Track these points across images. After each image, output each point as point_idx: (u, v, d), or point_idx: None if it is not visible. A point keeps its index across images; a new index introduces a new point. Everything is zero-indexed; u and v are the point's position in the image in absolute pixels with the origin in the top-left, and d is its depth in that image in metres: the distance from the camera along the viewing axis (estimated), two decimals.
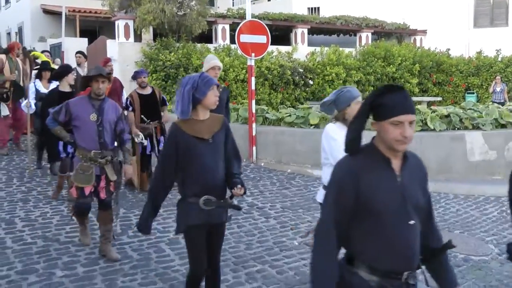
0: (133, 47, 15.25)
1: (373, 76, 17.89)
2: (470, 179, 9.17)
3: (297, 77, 16.48)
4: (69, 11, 19.99)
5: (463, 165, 9.36)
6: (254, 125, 10.08)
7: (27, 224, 6.17)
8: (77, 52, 11.62)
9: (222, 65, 7.64)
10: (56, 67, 10.61)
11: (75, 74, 7.40)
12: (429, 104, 16.44)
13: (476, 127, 9.71)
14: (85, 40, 19.11)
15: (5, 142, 10.13)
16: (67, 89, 7.17)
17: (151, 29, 15.80)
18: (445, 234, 6.33)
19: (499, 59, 19.56)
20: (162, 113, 7.98)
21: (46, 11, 22.43)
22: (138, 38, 16.13)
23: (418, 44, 21.78)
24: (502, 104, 14.32)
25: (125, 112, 8.29)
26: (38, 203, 7.06)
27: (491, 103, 13.70)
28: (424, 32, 22.14)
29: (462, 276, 5.18)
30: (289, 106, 13.99)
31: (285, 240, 6.06)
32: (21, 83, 9.93)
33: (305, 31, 19.50)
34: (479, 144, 9.40)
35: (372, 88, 17.88)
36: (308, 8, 24.39)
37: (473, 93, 19.16)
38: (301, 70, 16.70)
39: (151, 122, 7.67)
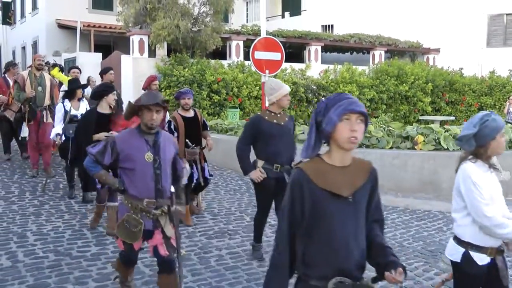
0: (147, 63, 15.39)
1: (386, 94, 17.89)
2: None
3: (310, 95, 16.54)
4: (84, 26, 20.22)
5: None
6: None
7: (39, 238, 6.17)
8: (108, 68, 9.95)
9: None
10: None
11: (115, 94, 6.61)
12: (442, 123, 16.37)
13: None
14: (100, 55, 19.30)
15: (35, 164, 9.38)
16: (106, 110, 6.28)
17: (165, 44, 15.97)
18: None
19: None
20: (204, 138, 7.18)
21: (61, 26, 22.66)
22: (152, 53, 16.30)
23: (431, 63, 21.81)
24: None
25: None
26: (50, 217, 7.06)
27: (504, 123, 13.61)
28: (437, 50, 22.17)
29: None
30: (302, 124, 14.00)
31: None
32: (48, 100, 9.23)
33: (319, 48, 19.61)
34: None
35: (385, 107, 17.89)
36: (322, 26, 24.51)
37: None
38: (314, 87, 16.76)
39: (195, 147, 6.91)
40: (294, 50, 20.53)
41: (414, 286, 5.26)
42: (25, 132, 9.46)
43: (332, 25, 24.48)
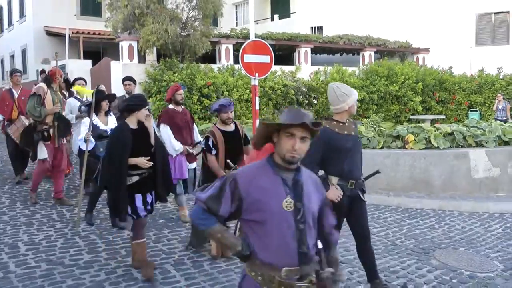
0: (137, 68, 15.34)
1: (377, 94, 17.95)
2: (474, 196, 9.15)
3: (301, 97, 16.57)
4: (72, 32, 20.11)
5: (467, 182, 9.34)
6: None
7: (30, 248, 6.13)
8: (126, 79, 9.24)
9: None
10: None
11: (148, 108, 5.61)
12: (433, 122, 16.46)
13: (479, 145, 9.70)
14: (89, 62, 19.24)
15: (35, 187, 8.24)
16: (134, 126, 5.34)
17: (155, 50, 15.95)
18: (450, 251, 6.35)
19: (501, 77, 19.63)
20: (246, 155, 6.17)
21: (49, 33, 22.61)
22: (142, 59, 16.27)
23: (420, 63, 21.92)
24: (505, 121, 14.34)
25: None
26: (42, 226, 7.01)
27: (494, 120, 13.71)
28: (426, 50, 22.28)
29: None
30: None
31: None
32: None
33: (308, 50, 19.65)
34: (483, 161, 9.39)
35: (376, 107, 17.95)
36: (311, 28, 24.57)
37: (476, 110, 19.19)
38: (304, 89, 16.80)
39: (237, 167, 5.69)
40: (284, 52, 20.55)
41: (407, 284, 5.28)
42: (43, 154, 7.90)
43: (322, 27, 24.55)
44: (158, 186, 5.39)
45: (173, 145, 6.93)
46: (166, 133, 6.98)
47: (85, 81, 9.76)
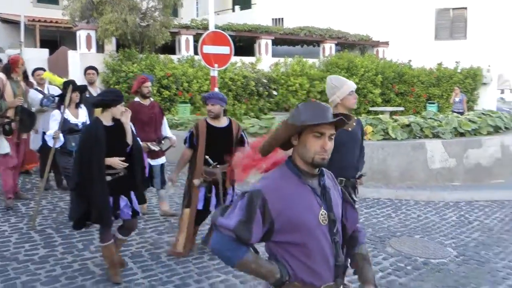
0: (95, 58, 15.03)
1: None
2: (430, 186, 9.37)
3: (261, 88, 16.56)
4: (28, 20, 19.54)
5: (424, 172, 9.54)
6: None
7: None
8: (89, 68, 8.94)
9: None
10: None
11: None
12: (392, 114, 16.72)
13: (436, 136, 9.91)
14: (46, 51, 18.71)
15: (10, 192, 7.49)
16: (109, 122, 4.90)
17: (113, 39, 15.67)
18: (405, 239, 6.47)
19: (459, 70, 20.08)
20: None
21: (4, 20, 21.91)
22: (100, 49, 15.97)
23: (380, 56, 22.22)
24: (461, 113, 14.67)
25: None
26: None
27: (451, 112, 14.02)
28: (386, 44, 22.58)
29: (422, 279, 5.30)
30: (253, 117, 14.02)
31: None
32: None
33: (269, 42, 19.66)
34: (439, 152, 9.60)
35: None
36: (272, 19, 24.58)
37: (434, 103, 19.58)
38: (265, 80, 16.81)
39: (218, 166, 5.45)
40: (245, 43, 20.52)
41: None
42: (5, 148, 7.25)
43: (282, 19, 24.58)
44: (139, 187, 5.12)
45: None
46: None
47: (44, 71, 9.13)
